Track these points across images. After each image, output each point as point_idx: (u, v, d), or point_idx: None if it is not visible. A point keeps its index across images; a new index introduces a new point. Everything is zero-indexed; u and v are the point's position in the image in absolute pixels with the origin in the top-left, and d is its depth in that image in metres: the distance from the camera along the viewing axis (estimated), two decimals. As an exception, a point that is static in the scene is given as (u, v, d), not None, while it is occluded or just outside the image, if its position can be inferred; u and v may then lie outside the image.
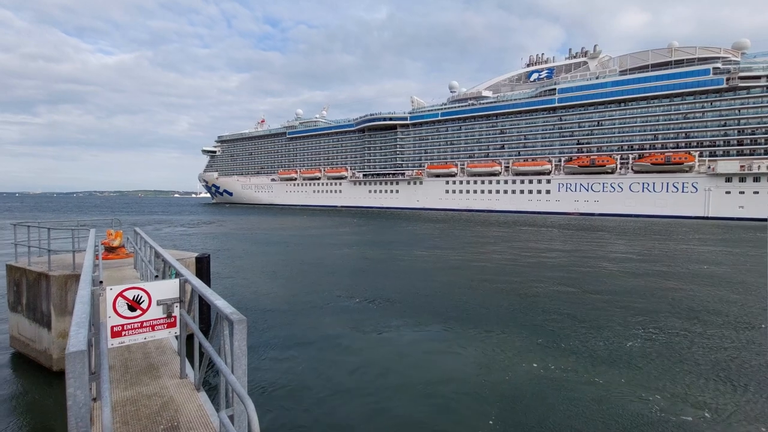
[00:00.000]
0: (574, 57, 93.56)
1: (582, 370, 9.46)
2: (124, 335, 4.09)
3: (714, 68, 70.59)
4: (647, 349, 10.75)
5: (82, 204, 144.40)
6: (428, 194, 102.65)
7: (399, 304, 14.84)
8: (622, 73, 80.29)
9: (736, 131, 69.83)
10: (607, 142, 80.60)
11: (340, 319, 13.05)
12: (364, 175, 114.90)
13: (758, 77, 67.94)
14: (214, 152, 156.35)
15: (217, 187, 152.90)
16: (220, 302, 3.53)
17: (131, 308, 4.13)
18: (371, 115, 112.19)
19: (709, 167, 70.52)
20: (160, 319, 4.31)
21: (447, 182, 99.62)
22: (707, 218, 69.34)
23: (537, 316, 13.56)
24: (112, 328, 4.01)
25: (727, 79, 69.32)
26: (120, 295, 4.04)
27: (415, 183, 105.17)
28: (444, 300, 15.41)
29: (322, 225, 54.45)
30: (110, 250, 12.83)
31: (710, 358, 10.22)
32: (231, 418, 3.20)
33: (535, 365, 9.68)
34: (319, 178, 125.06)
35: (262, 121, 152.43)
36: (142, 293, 4.18)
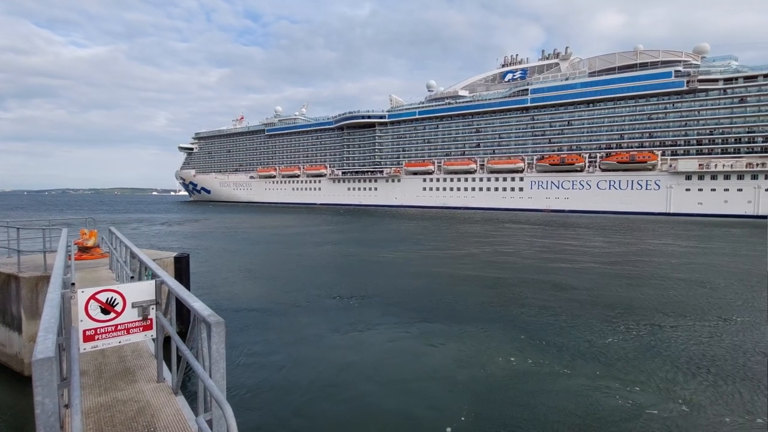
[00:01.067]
0: (547, 58, 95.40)
1: (558, 363, 9.54)
2: (98, 339, 3.94)
3: (675, 71, 73.16)
4: (623, 342, 10.87)
5: (55, 202, 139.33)
6: (406, 192, 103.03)
7: (379, 301, 14.78)
8: (591, 74, 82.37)
9: (695, 131, 72.57)
10: (576, 141, 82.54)
11: (321, 318, 12.91)
12: (343, 172, 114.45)
13: (716, 80, 70.82)
14: (191, 149, 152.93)
15: (195, 185, 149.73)
16: (197, 304, 3.44)
17: (104, 311, 3.97)
18: (350, 113, 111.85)
19: (670, 166, 72.93)
20: (135, 321, 4.15)
21: (424, 180, 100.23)
22: (669, 214, 71.85)
23: (516, 311, 13.61)
24: (84, 332, 3.84)
25: (688, 82, 71.87)
26: (92, 297, 3.88)
27: (393, 181, 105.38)
28: (424, 297, 15.38)
29: (302, 223, 53.93)
30: (84, 250, 12.37)
31: (684, 351, 10.39)
32: (209, 422, 3.13)
33: (512, 359, 9.79)
34: (298, 176, 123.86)
35: (241, 118, 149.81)
36: (116, 295, 4.02)
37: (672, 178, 72.62)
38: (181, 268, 11.74)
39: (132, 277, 7.26)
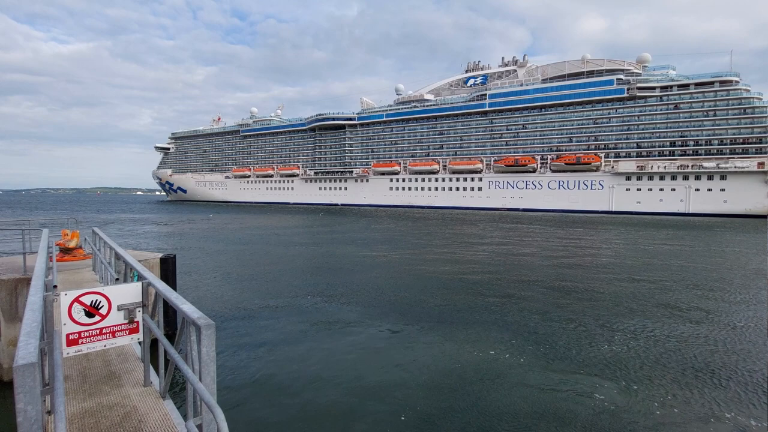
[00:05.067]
0: (507, 65, 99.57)
1: (529, 358, 9.75)
2: (82, 343, 3.80)
3: (617, 79, 77.64)
4: (595, 342, 10.93)
5: (34, 202, 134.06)
6: (374, 191, 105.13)
7: (357, 300, 14.96)
8: (544, 81, 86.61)
9: (635, 135, 77.22)
10: (530, 144, 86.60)
11: (305, 318, 12.90)
12: (315, 173, 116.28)
13: (653, 88, 75.55)
14: (168, 149, 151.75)
15: (171, 185, 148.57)
16: (186, 306, 3.38)
17: (89, 314, 3.83)
18: (320, 114, 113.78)
19: (612, 167, 77.31)
20: (121, 324, 4.02)
21: (391, 180, 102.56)
22: (611, 212, 75.93)
23: (494, 310, 13.77)
24: (67, 336, 3.72)
25: (628, 89, 76.06)
26: (76, 300, 3.76)
27: (361, 180, 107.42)
28: (402, 296, 15.59)
29: (281, 224, 54.17)
30: (66, 251, 12.08)
31: (652, 347, 10.53)
32: (199, 427, 3.07)
33: (483, 354, 10.02)
34: (272, 176, 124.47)
35: (218, 119, 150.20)
36: (100, 298, 3.89)
37: (614, 179, 77.03)
38: (168, 269, 11.53)
39: (117, 279, 7.12)
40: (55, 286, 6.96)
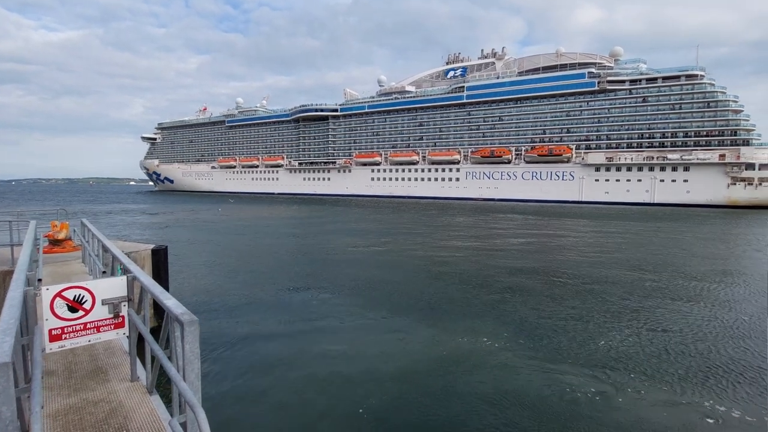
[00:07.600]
0: (485, 57, 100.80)
1: (505, 347, 9.81)
2: (65, 338, 3.72)
3: (589, 72, 79.16)
4: (583, 331, 10.98)
5: (25, 192, 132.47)
6: (356, 182, 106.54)
7: (343, 292, 15.11)
8: (520, 74, 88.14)
9: (605, 128, 79.41)
10: (506, 136, 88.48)
11: (293, 310, 12.95)
12: (299, 163, 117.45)
13: (623, 81, 77.20)
14: (155, 139, 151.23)
15: (158, 175, 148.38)
16: (170, 302, 3.30)
17: (72, 309, 3.73)
18: (303, 105, 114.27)
19: (582, 158, 79.49)
20: (106, 319, 3.92)
21: (372, 170, 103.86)
22: (581, 203, 78.18)
23: (476, 300, 14.00)
24: (50, 331, 3.62)
25: (598, 83, 77.61)
26: (58, 295, 3.65)
27: (344, 171, 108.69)
28: (385, 287, 15.82)
29: (270, 215, 54.60)
30: (55, 243, 11.87)
31: (640, 336, 10.63)
32: (183, 425, 3.01)
33: (464, 342, 10.20)
34: (257, 166, 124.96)
35: (204, 109, 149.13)
36: (84, 293, 3.78)
37: (584, 170, 78.81)
38: (159, 261, 11.36)
39: (104, 272, 6.96)
40: (39, 280, 6.82)
